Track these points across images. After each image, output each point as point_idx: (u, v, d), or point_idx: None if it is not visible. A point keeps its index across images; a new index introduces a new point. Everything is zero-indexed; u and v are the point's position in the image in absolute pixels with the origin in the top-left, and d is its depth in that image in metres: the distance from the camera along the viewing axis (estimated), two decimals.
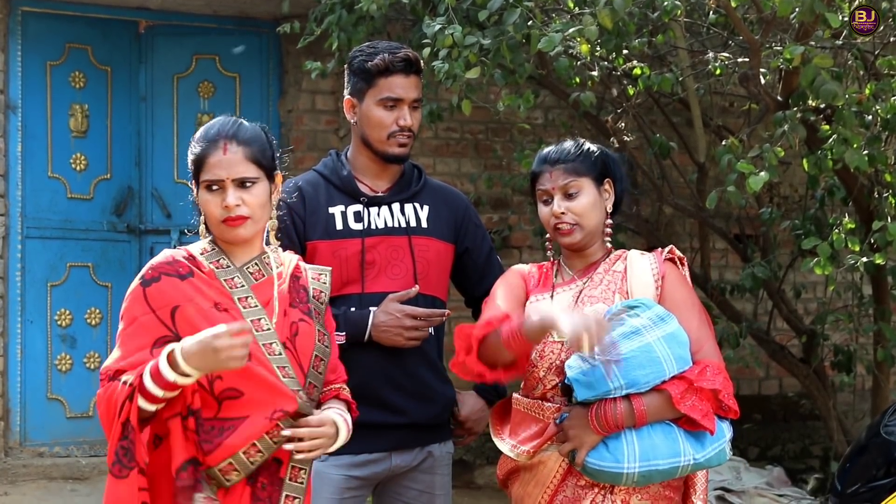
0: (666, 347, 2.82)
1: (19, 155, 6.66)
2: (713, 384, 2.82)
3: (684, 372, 2.83)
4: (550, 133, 7.05)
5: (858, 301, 6.06)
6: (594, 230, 3.05)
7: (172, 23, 7.09)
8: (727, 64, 5.11)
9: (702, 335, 2.93)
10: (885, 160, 4.61)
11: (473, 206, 3.69)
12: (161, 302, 2.69)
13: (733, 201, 4.55)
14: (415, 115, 3.41)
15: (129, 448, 2.60)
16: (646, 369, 2.80)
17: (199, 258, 2.79)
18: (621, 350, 2.78)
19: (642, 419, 2.80)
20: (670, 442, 2.82)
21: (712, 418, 2.83)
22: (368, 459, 3.35)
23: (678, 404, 2.79)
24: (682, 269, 3.07)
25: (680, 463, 2.82)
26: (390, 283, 3.36)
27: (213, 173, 2.75)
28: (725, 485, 6.08)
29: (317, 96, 6.90)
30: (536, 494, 2.96)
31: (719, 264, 7.55)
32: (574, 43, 4.47)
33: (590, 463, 2.84)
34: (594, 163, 3.06)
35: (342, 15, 5.40)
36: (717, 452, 2.86)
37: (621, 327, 2.83)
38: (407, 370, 3.36)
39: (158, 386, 2.57)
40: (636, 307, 2.88)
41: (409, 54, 3.39)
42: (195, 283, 2.72)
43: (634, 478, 2.81)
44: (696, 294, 3.05)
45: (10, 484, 6.26)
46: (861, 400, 6.84)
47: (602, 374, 2.79)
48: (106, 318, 6.91)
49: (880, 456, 3.88)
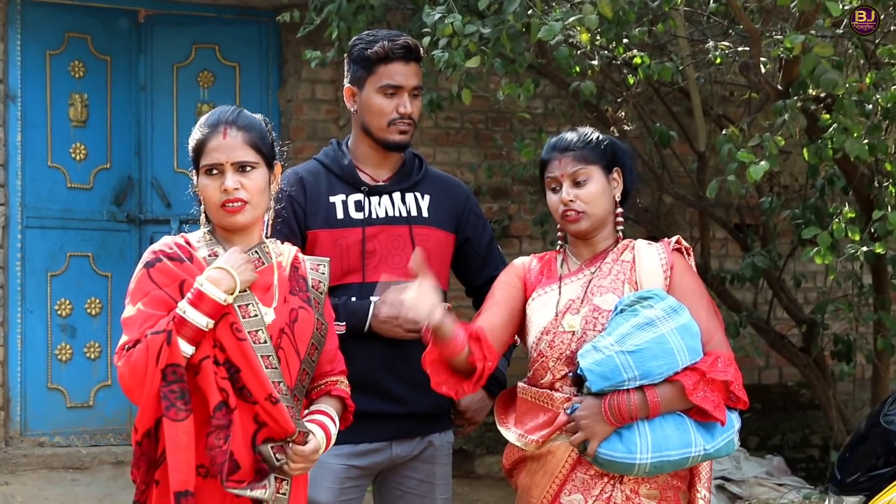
0: (679, 338, 2.84)
1: (19, 144, 6.65)
2: (725, 375, 2.85)
3: (696, 363, 2.86)
4: (550, 122, 7.04)
5: (858, 290, 6.06)
6: (602, 218, 3.05)
7: (172, 12, 7.07)
8: (727, 53, 5.11)
9: (711, 326, 2.95)
10: (885, 149, 4.61)
11: (474, 196, 3.69)
12: (167, 279, 2.72)
13: (733, 191, 4.55)
14: (415, 102, 3.41)
15: (183, 390, 2.64)
16: (660, 360, 2.82)
17: (195, 244, 2.81)
18: (636, 341, 2.81)
19: (656, 410, 2.82)
20: (682, 433, 2.84)
21: (723, 409, 2.85)
22: (369, 449, 3.35)
23: (691, 395, 2.82)
24: (689, 259, 3.07)
25: (691, 453, 2.85)
26: (391, 273, 3.35)
27: (213, 157, 2.77)
28: (726, 474, 6.09)
29: (316, 86, 6.88)
30: (544, 484, 2.96)
31: (719, 254, 7.55)
32: (574, 32, 4.46)
33: (602, 454, 2.85)
34: (603, 151, 3.07)
35: (342, 4, 5.39)
36: (727, 443, 2.89)
37: (635, 318, 2.85)
38: (407, 359, 3.35)
39: (204, 313, 2.64)
40: (650, 298, 2.89)
41: (408, 41, 3.39)
42: (191, 268, 2.75)
43: (647, 468, 2.83)
44: (703, 284, 3.06)
45: (10, 474, 6.26)
46: (861, 389, 6.85)
47: (616, 365, 2.81)
48: (106, 308, 6.91)
49: (880, 445, 3.88)
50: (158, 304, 2.69)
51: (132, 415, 6.93)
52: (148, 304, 2.69)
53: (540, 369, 3.01)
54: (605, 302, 2.96)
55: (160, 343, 2.62)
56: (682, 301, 2.93)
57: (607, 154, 3.07)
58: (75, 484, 6.24)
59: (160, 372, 2.62)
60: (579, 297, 2.99)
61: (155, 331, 2.63)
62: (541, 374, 3.01)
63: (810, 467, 7.46)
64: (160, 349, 2.61)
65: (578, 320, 2.96)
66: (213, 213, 2.81)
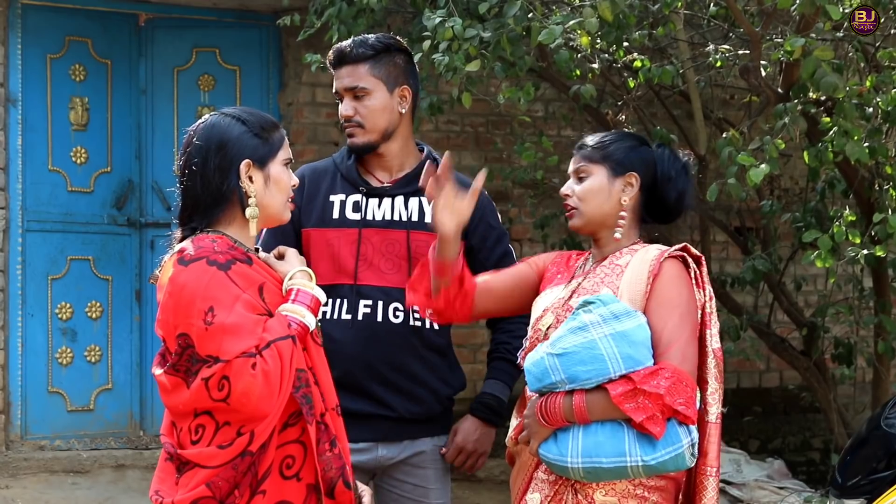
0: (612, 345, 2.76)
1: (19, 148, 6.65)
2: (657, 388, 2.72)
3: (632, 373, 2.76)
4: (551, 126, 7.05)
5: (859, 293, 6.06)
6: (595, 217, 3.02)
7: (172, 15, 7.07)
8: (728, 56, 5.11)
9: (674, 337, 2.82)
10: (885, 152, 4.61)
11: (494, 207, 3.64)
12: (246, 282, 2.62)
13: (734, 194, 4.55)
14: (361, 102, 3.36)
15: (307, 395, 2.61)
16: (587, 366, 2.76)
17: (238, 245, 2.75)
18: (565, 344, 2.79)
19: (581, 415, 2.77)
20: (616, 442, 2.76)
21: (658, 422, 2.72)
22: (354, 448, 3.31)
23: (619, 404, 2.73)
24: (700, 268, 2.95)
25: (626, 463, 2.75)
26: (382, 277, 3.35)
27: (288, 151, 2.78)
28: (726, 477, 6.08)
29: (317, 89, 6.89)
30: (519, 481, 3.01)
31: (720, 257, 7.55)
32: (574, 35, 4.47)
33: (540, 453, 2.86)
34: (616, 153, 3.04)
35: (342, 7, 5.39)
36: (674, 457, 2.76)
37: (572, 322, 2.82)
38: (393, 364, 3.35)
39: (314, 312, 2.66)
40: (592, 303, 2.84)
41: (342, 47, 3.38)
42: (261, 272, 2.70)
43: (580, 472, 2.78)
44: (690, 296, 2.91)
45: (11, 477, 6.26)
46: (861, 392, 6.84)
47: (546, 367, 2.80)
48: (106, 312, 6.91)
49: (881, 448, 3.89)
50: (254, 308, 2.60)
51: (132, 419, 6.94)
52: (247, 309, 2.58)
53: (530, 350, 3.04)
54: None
55: (290, 349, 2.55)
56: (655, 308, 2.85)
57: (623, 157, 3.04)
58: (76, 487, 6.24)
59: (291, 378, 2.56)
60: (564, 298, 3.00)
61: (279, 336, 2.55)
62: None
63: (811, 470, 7.46)
64: (291, 354, 2.56)
65: (551, 319, 2.97)
66: (279, 209, 2.77)
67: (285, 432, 2.62)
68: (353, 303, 3.34)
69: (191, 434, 2.58)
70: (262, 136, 2.73)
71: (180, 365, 2.59)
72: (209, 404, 2.53)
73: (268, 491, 2.58)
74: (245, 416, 2.52)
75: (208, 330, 2.52)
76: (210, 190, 2.69)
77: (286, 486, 2.62)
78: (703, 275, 2.95)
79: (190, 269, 2.58)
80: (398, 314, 3.36)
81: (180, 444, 2.62)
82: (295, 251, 2.79)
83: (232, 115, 2.75)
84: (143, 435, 6.91)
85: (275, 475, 2.60)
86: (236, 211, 2.72)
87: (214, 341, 2.51)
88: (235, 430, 2.53)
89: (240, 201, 2.70)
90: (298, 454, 2.64)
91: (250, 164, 2.70)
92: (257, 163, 2.71)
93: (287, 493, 2.62)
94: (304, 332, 2.63)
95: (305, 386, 2.60)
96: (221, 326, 2.52)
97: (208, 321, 2.52)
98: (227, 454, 2.53)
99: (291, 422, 2.63)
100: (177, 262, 2.62)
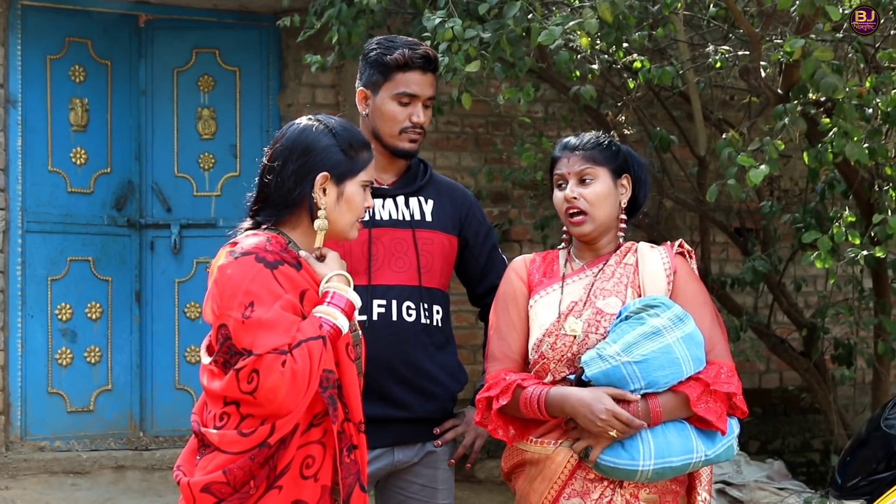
0: (685, 348, 2.85)
1: (19, 149, 6.65)
2: (729, 387, 2.87)
3: (700, 373, 2.87)
4: (551, 127, 7.04)
5: (859, 294, 6.06)
6: (605, 222, 3.05)
7: (172, 16, 7.07)
8: (727, 57, 5.11)
9: (714, 334, 2.96)
10: (885, 153, 4.61)
11: (479, 203, 3.68)
12: (291, 285, 2.67)
13: (734, 195, 4.55)
14: (427, 112, 3.41)
15: (333, 397, 2.64)
16: (666, 370, 2.84)
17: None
18: (643, 351, 2.82)
19: (657, 419, 2.84)
20: (683, 439, 2.86)
21: (725, 419, 2.88)
22: (371, 456, 3.32)
23: (695, 406, 2.84)
24: (691, 262, 3.08)
25: (692, 459, 2.87)
26: (394, 276, 3.36)
27: (371, 174, 2.86)
28: (726, 478, 6.08)
29: (317, 90, 6.88)
30: (542, 490, 2.97)
31: (720, 258, 7.54)
32: (574, 36, 4.47)
33: (604, 460, 2.86)
34: (614, 155, 3.06)
35: (342, 8, 5.39)
36: (726, 448, 2.92)
37: (642, 326, 2.85)
38: (410, 363, 3.36)
39: (348, 316, 2.68)
40: (656, 306, 2.89)
41: (428, 52, 3.39)
42: (307, 277, 2.73)
43: (648, 475, 2.84)
44: (706, 290, 3.06)
45: (10, 478, 6.26)
46: (861, 393, 6.85)
47: (622, 375, 2.83)
48: (106, 313, 6.91)
49: (881, 449, 3.88)
50: (294, 310, 2.64)
51: (132, 419, 6.94)
52: (287, 309, 2.62)
53: (541, 371, 3.01)
54: (608, 305, 2.96)
55: (320, 349, 2.58)
56: (685, 307, 2.94)
57: (618, 159, 3.07)
58: (76, 488, 6.23)
59: (318, 378, 2.60)
60: (581, 300, 2.99)
61: (310, 336, 2.58)
62: (541, 376, 3.01)
63: (811, 471, 7.46)
64: (321, 355, 2.59)
65: (581, 324, 2.96)
66: (346, 226, 2.84)
67: (309, 432, 2.67)
68: (366, 303, 3.33)
69: (215, 420, 2.64)
70: (347, 154, 2.78)
71: (220, 356, 2.66)
72: (237, 395, 2.58)
73: (284, 487, 2.63)
74: (268, 412, 2.56)
75: (245, 323, 2.58)
76: (282, 191, 2.76)
77: (304, 485, 2.66)
78: (695, 269, 3.11)
79: (238, 262, 2.64)
80: (411, 312, 3.37)
81: (205, 425, 2.68)
82: (336, 254, 2.82)
83: (325, 125, 2.80)
84: (142, 436, 6.91)
85: (293, 473, 2.64)
86: (304, 217, 2.78)
87: (250, 335, 2.57)
88: (258, 421, 2.58)
89: (309, 210, 2.76)
90: (318, 455, 2.68)
91: (327, 177, 2.76)
92: (335, 178, 2.77)
93: (303, 493, 2.66)
94: (337, 335, 2.66)
95: (332, 387, 2.64)
96: (258, 321, 2.57)
97: (246, 315, 2.58)
98: (247, 442, 2.57)
99: (316, 422, 2.67)
100: (228, 252, 2.69)
